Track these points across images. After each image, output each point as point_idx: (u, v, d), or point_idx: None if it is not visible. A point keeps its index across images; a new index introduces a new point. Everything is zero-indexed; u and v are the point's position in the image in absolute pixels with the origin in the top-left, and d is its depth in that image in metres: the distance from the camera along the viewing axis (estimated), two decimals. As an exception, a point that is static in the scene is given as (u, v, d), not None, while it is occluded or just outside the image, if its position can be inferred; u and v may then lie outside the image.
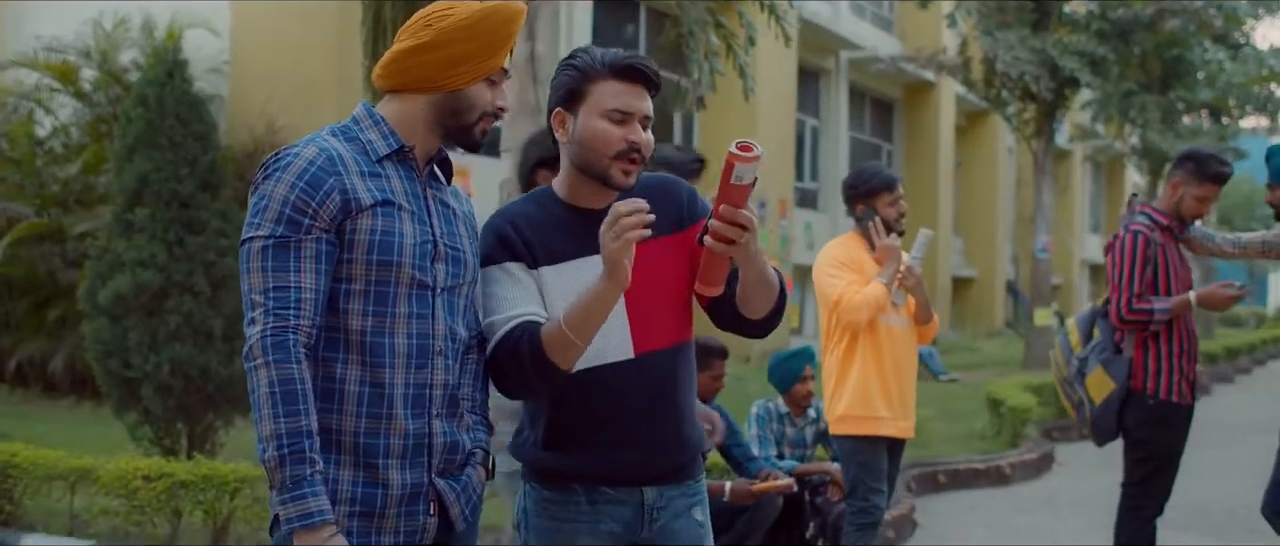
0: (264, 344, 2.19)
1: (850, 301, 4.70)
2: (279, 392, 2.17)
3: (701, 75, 10.27)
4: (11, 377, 11.51)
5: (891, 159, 25.87)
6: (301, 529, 2.15)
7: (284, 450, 2.16)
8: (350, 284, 2.29)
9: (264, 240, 2.24)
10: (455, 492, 2.40)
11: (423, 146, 2.41)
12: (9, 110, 12.22)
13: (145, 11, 11.73)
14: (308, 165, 2.26)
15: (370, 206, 2.28)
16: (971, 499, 8.45)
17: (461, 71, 2.35)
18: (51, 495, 5.84)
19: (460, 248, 2.44)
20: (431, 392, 2.35)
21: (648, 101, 2.58)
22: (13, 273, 11.26)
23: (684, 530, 2.68)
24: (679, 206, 2.69)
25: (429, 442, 2.35)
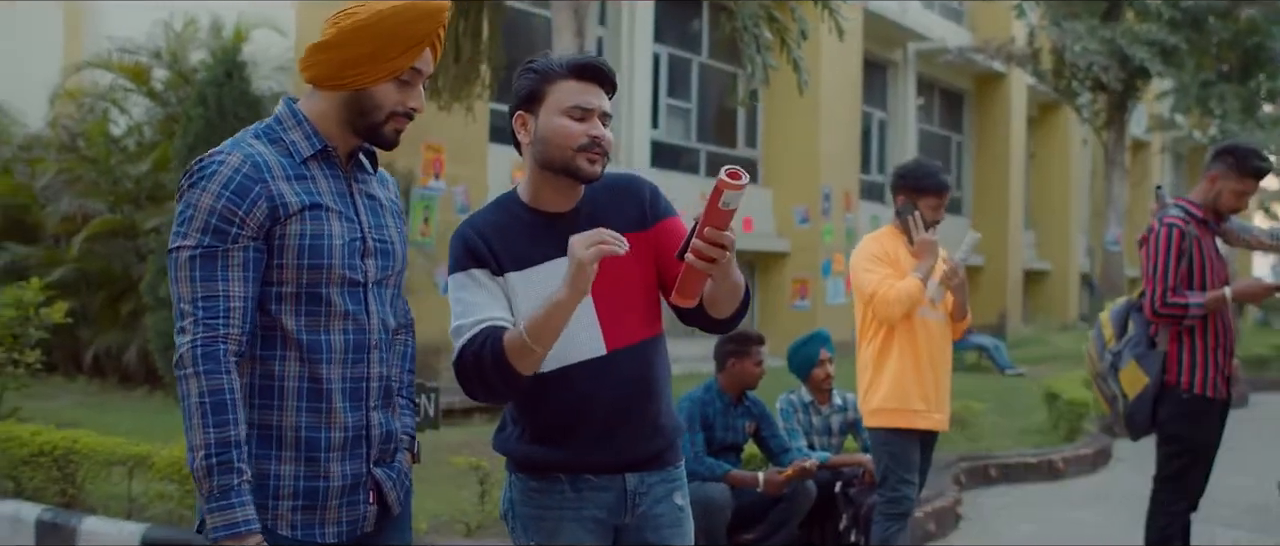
0: (195, 353, 2.21)
1: (884, 296, 4.72)
2: (209, 403, 2.20)
3: (755, 70, 10.30)
4: (88, 368, 11.88)
5: (961, 151, 25.66)
6: (227, 537, 2.19)
7: (212, 460, 2.19)
8: (282, 287, 2.31)
9: (191, 250, 2.25)
10: (392, 480, 2.46)
11: (342, 143, 2.41)
12: (86, 110, 12.59)
13: (213, 12, 12.02)
14: (233, 173, 2.26)
15: (298, 211, 2.30)
16: (1022, 493, 8.40)
17: (363, 72, 2.34)
18: (111, 479, 6.07)
19: (388, 239, 2.46)
20: (368, 385, 2.39)
21: (605, 100, 2.67)
22: (89, 267, 11.62)
23: (664, 514, 2.77)
24: (641, 204, 2.77)
25: (367, 434, 2.40)
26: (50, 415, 8.34)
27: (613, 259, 2.55)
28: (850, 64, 19.66)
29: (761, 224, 18.64)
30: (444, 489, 6.40)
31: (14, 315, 8.17)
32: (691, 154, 18.27)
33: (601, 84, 2.68)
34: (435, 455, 6.87)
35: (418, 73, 2.39)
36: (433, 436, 5.52)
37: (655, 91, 17.14)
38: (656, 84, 17.20)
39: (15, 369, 8.13)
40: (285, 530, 2.32)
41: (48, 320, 8.25)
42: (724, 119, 18.92)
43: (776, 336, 17.69)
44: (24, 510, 6.06)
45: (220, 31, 11.87)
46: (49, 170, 12.11)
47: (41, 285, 8.35)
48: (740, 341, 5.63)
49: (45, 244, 12.19)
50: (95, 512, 5.95)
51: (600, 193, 2.75)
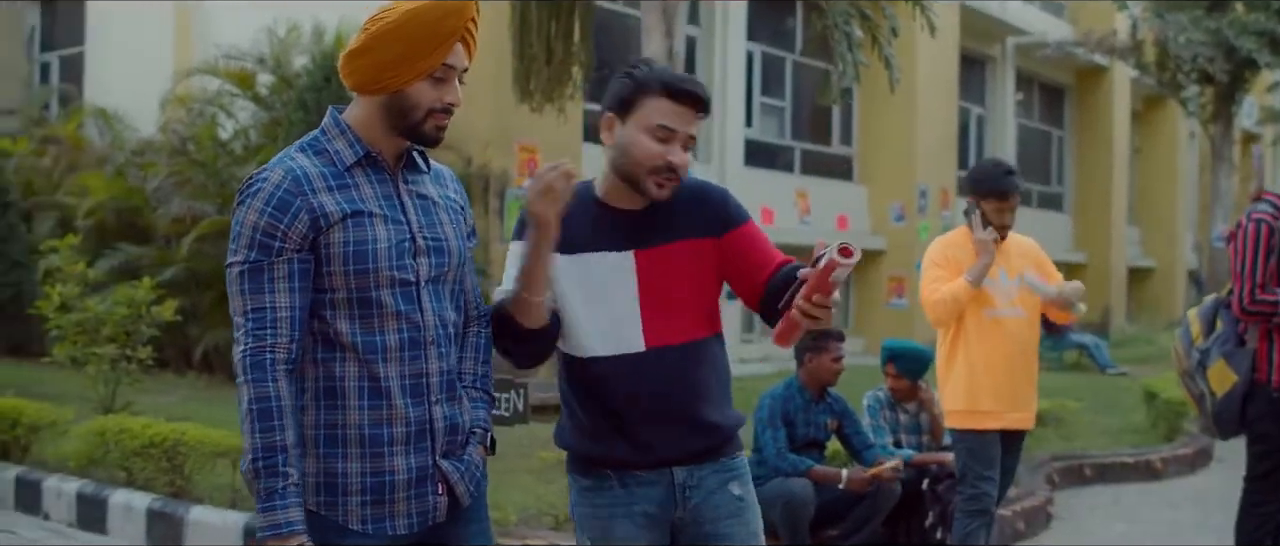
0: (244, 363, 2.31)
1: (926, 299, 4.76)
2: (256, 409, 2.29)
3: (845, 67, 10.27)
4: (198, 364, 12.29)
5: (1062, 146, 25.22)
6: (271, 537, 2.29)
7: (259, 464, 2.28)
8: (333, 293, 2.39)
9: (241, 265, 2.34)
10: (460, 472, 2.51)
11: (388, 146, 2.46)
12: (194, 115, 13.02)
13: (315, 18, 12.35)
14: (274, 190, 2.35)
15: (340, 220, 2.36)
16: (1117, 493, 8.28)
17: (399, 73, 2.39)
18: (216, 470, 6.31)
19: (442, 236, 2.50)
20: (428, 381, 2.45)
21: (694, 124, 2.71)
22: (198, 267, 12.01)
23: (721, 505, 2.77)
24: (713, 211, 2.80)
25: (431, 428, 2.46)
26: (161, 409, 8.66)
27: (667, 261, 2.66)
28: (946, 59, 19.45)
29: (856, 222, 18.56)
30: (532, 483, 6.54)
31: (127, 313, 8.52)
32: (786, 152, 18.25)
33: (694, 107, 2.70)
34: (524, 449, 7.03)
35: (451, 68, 2.43)
36: (522, 431, 5.64)
37: (748, 89, 17.16)
38: (750, 82, 17.22)
39: (128, 365, 8.48)
40: (356, 525, 2.40)
41: (158, 318, 8.59)
42: (818, 116, 18.86)
43: (872, 335, 17.62)
44: (135, 499, 6.35)
45: (322, 37, 12.19)
46: (160, 173, 12.54)
47: (152, 284, 8.69)
48: (818, 338, 5.67)
49: (157, 244, 12.62)
50: (201, 503, 6.19)
51: (680, 192, 2.78)
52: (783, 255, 2.81)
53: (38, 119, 16.03)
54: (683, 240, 2.74)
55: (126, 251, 12.31)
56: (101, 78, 16.75)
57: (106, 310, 8.46)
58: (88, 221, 12.83)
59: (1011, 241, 4.96)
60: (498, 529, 5.66)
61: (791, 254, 2.86)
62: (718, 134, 16.23)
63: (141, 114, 14.10)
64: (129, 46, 16.36)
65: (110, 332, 8.43)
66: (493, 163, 12.36)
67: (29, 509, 6.91)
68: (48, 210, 13.52)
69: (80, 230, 12.54)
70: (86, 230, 12.72)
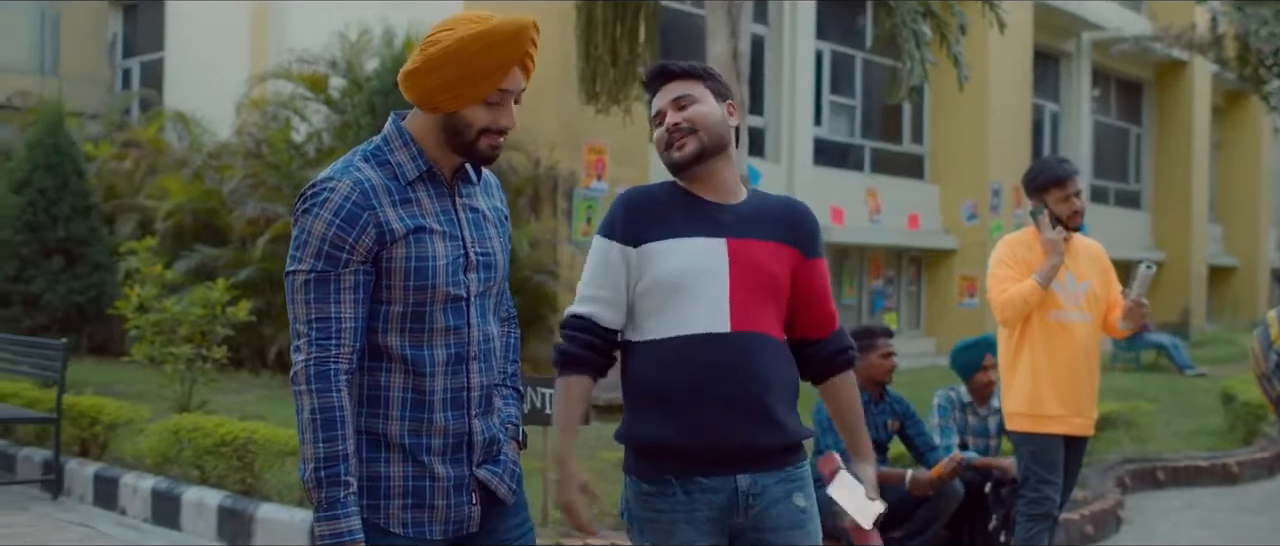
0: (308, 372, 2.33)
1: (994, 300, 4.71)
2: (319, 419, 2.31)
3: (914, 65, 10.22)
4: (272, 364, 12.52)
5: (1140, 143, 24.77)
6: (332, 545, 2.31)
7: (321, 472, 2.30)
8: (390, 306, 2.40)
9: (306, 274, 2.34)
10: (498, 475, 2.54)
11: (443, 160, 2.47)
12: (268, 118, 13.25)
13: (386, 21, 12.51)
14: (343, 201, 2.34)
15: (403, 236, 2.37)
16: (1191, 497, 8.13)
17: (452, 97, 2.39)
18: (285, 469, 6.43)
19: (490, 251, 2.53)
20: (469, 394, 2.47)
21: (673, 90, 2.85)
22: (272, 268, 12.21)
23: (783, 515, 2.74)
24: (803, 231, 2.89)
25: (469, 440, 2.49)
26: (236, 408, 8.85)
27: (757, 252, 2.76)
28: (1019, 56, 19.21)
29: (928, 221, 18.40)
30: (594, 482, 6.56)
31: (202, 314, 8.71)
32: (856, 151, 18.14)
33: (666, 81, 2.88)
34: (588, 450, 7.06)
35: (506, 93, 2.43)
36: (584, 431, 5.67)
37: (818, 88, 17.08)
38: (819, 81, 17.13)
39: (203, 364, 8.67)
40: (397, 528, 2.42)
41: (233, 318, 8.77)
42: (889, 115, 18.71)
43: (943, 335, 17.46)
44: (207, 496, 6.49)
45: (391, 40, 12.34)
46: (235, 176, 12.78)
47: (227, 285, 8.87)
48: (864, 336, 5.63)
49: (232, 246, 12.85)
50: (270, 500, 6.32)
51: (768, 204, 2.90)
52: (832, 303, 2.96)
53: (119, 123, 16.40)
54: (775, 241, 2.81)
55: (203, 253, 12.56)
56: (181, 82, 17.14)
57: (183, 310, 8.65)
58: (166, 223, 13.12)
59: (1079, 244, 4.90)
60: (557, 529, 5.71)
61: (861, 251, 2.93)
62: (786, 133, 16.18)
63: (219, 117, 14.39)
64: (207, 51, 16.72)
65: (186, 332, 8.62)
66: (560, 164, 12.44)
67: (107, 504, 7.10)
68: (129, 213, 13.84)
69: (159, 232, 12.85)
70: (165, 232, 13.02)
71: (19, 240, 10.99)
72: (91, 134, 15.36)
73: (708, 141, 2.79)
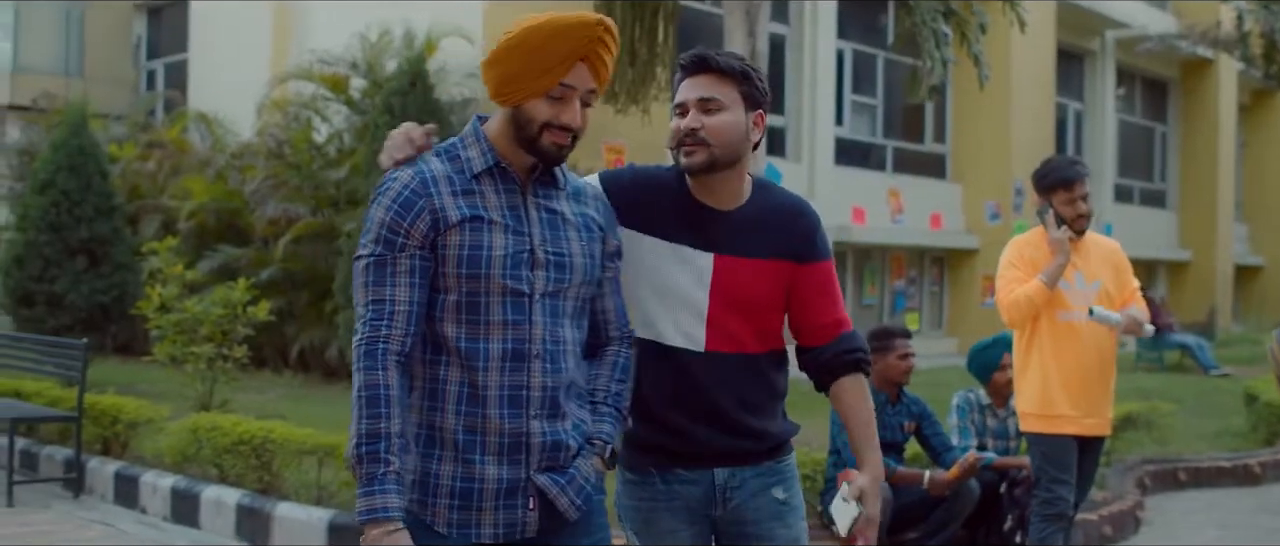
0: (358, 351, 2.38)
1: (1001, 301, 4.70)
2: (365, 397, 2.35)
3: (933, 64, 10.19)
4: (294, 363, 12.59)
5: (1166, 141, 24.61)
6: (368, 521, 2.32)
7: (362, 449, 2.33)
8: (446, 294, 2.43)
9: (366, 258, 2.42)
10: (560, 485, 2.48)
11: (517, 159, 2.49)
12: (290, 119, 13.32)
13: (407, 22, 12.55)
14: (402, 189, 2.42)
15: (457, 223, 2.41)
16: (1212, 498, 8.07)
17: (517, 87, 2.43)
18: (302, 467, 6.46)
19: (565, 252, 2.51)
20: (528, 394, 2.45)
21: (702, 88, 2.71)
22: (293, 268, 12.30)
23: (762, 508, 2.77)
24: (800, 238, 2.79)
25: (526, 441, 2.45)
26: (258, 407, 8.90)
27: (742, 272, 2.69)
28: (1043, 54, 19.12)
29: (950, 220, 18.33)
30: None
31: (223, 313, 8.76)
32: (878, 150, 18.09)
33: (701, 72, 2.73)
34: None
35: (570, 89, 2.44)
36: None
37: (839, 88, 17.04)
38: (840, 80, 17.09)
39: (224, 363, 8.73)
40: (442, 527, 2.43)
41: (253, 318, 8.82)
42: (911, 114, 18.66)
43: (965, 335, 17.38)
44: (226, 495, 6.53)
45: (412, 41, 12.38)
46: (257, 176, 12.86)
47: (247, 285, 8.92)
48: (881, 337, 5.62)
49: (254, 246, 12.94)
50: (288, 499, 6.35)
51: (769, 207, 2.79)
52: (843, 311, 2.84)
53: (144, 124, 16.53)
54: (764, 258, 2.74)
55: (226, 252, 12.65)
56: (204, 83, 17.26)
57: (204, 310, 8.71)
58: (189, 223, 13.23)
59: (1091, 243, 4.88)
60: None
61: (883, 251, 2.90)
62: (808, 132, 16.15)
63: (241, 118, 14.48)
64: (229, 53, 16.82)
65: (207, 332, 8.68)
66: (579, 163, 12.44)
67: (127, 503, 7.15)
68: (152, 213, 13.95)
69: (182, 232, 12.96)
70: (188, 232, 13.13)
71: (43, 240, 11.08)
72: (116, 135, 15.49)
73: (719, 156, 2.69)
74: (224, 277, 10.89)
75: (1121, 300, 4.85)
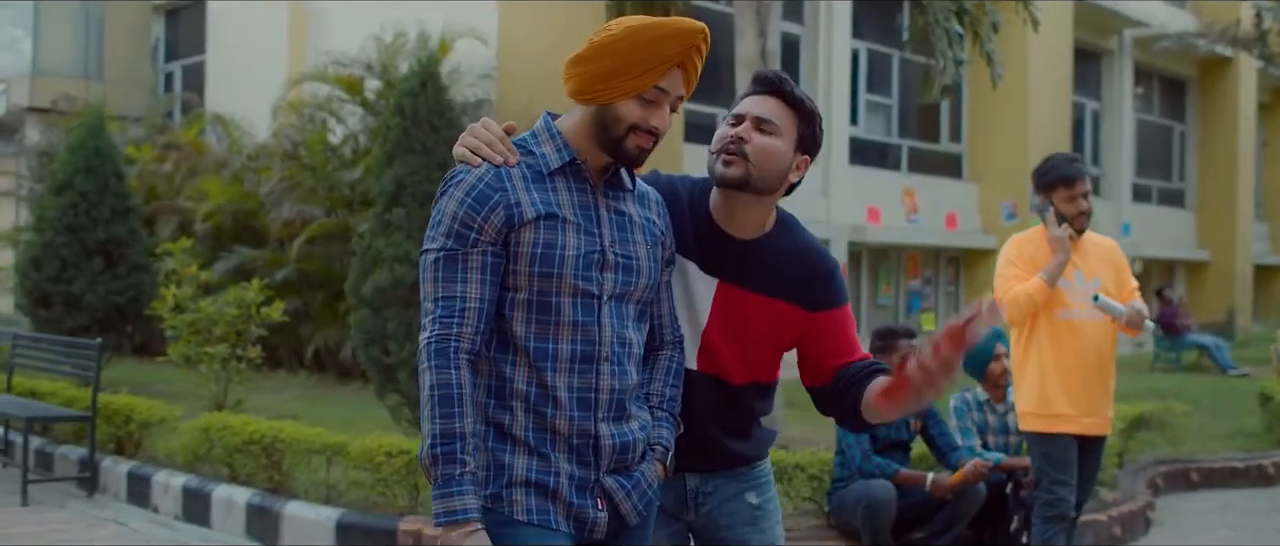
0: (429, 350, 2.33)
1: (1002, 298, 4.70)
2: (437, 396, 2.30)
3: (946, 64, 10.14)
4: (309, 363, 12.66)
5: (1184, 140, 24.46)
6: (447, 524, 2.28)
7: (437, 450, 2.28)
8: (516, 293, 2.39)
9: (436, 252, 2.37)
10: (625, 489, 2.47)
11: (592, 158, 2.47)
12: (305, 120, 13.39)
13: (421, 23, 12.60)
14: (476, 182, 2.38)
15: (532, 220, 2.37)
16: (1226, 498, 8.04)
17: (607, 87, 2.40)
18: (311, 467, 6.51)
19: (633, 256, 2.48)
20: (597, 396, 2.42)
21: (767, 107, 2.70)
22: (308, 268, 12.37)
23: (736, 512, 2.78)
24: (812, 285, 2.74)
25: (596, 444, 2.43)
26: (272, 407, 8.96)
27: (745, 305, 2.67)
28: (1059, 53, 19.03)
29: (966, 220, 18.26)
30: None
31: (237, 314, 8.82)
32: (893, 150, 18.04)
33: (770, 93, 2.71)
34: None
35: (663, 93, 2.43)
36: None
37: (854, 87, 17.00)
38: (855, 80, 17.05)
39: (238, 364, 8.79)
40: (521, 515, 2.38)
41: (267, 319, 8.87)
42: (926, 114, 18.59)
43: (981, 334, 17.29)
44: (236, 494, 6.58)
45: (426, 43, 12.42)
46: (273, 178, 12.94)
47: (262, 285, 8.98)
48: (885, 337, 5.63)
49: (270, 247, 13.02)
50: (298, 498, 6.39)
51: (787, 247, 2.75)
52: (863, 350, 2.79)
53: (161, 126, 16.64)
54: (768, 297, 2.71)
55: (242, 253, 12.73)
56: (221, 85, 17.35)
57: (218, 311, 8.77)
58: (206, 225, 13.32)
59: (1089, 242, 4.87)
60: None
61: (898, 251, 2.88)
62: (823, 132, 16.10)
63: (258, 120, 14.55)
64: (246, 55, 16.91)
65: (221, 333, 8.74)
66: (595, 163, 12.46)
67: (140, 502, 7.21)
68: (169, 214, 14.05)
69: (198, 233, 13.05)
70: (204, 233, 13.22)
71: (60, 241, 11.16)
72: (134, 137, 15.60)
73: (755, 178, 2.66)
74: (240, 278, 10.95)
75: (1120, 299, 4.84)
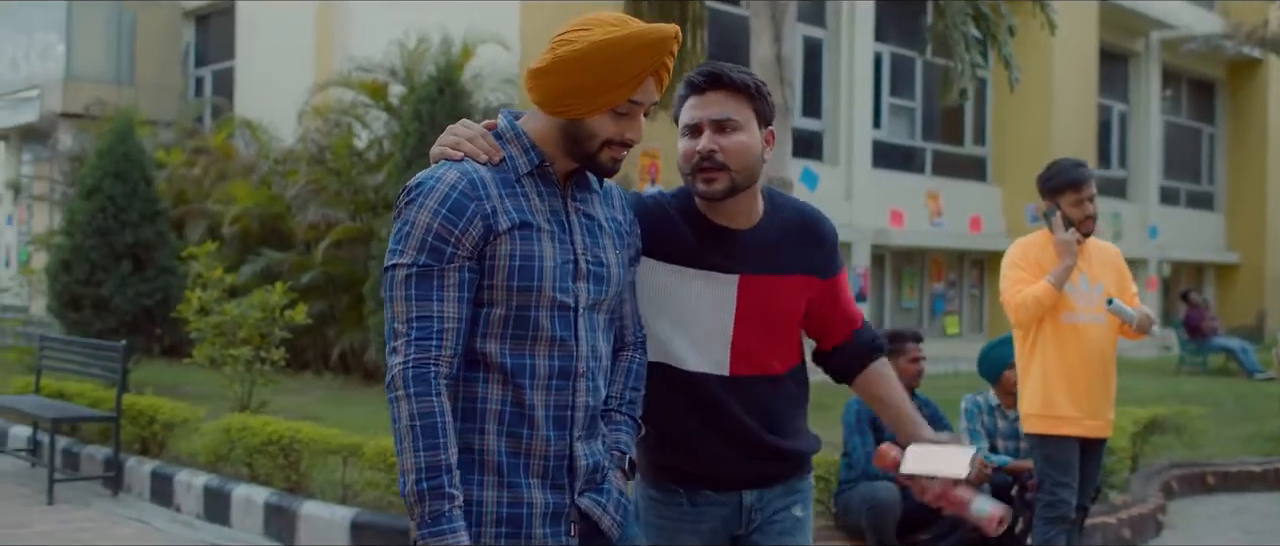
0: (406, 376, 2.16)
1: (1007, 301, 4.74)
2: (419, 426, 2.13)
3: (964, 67, 10.20)
4: (335, 365, 12.80)
5: (1213, 143, 24.31)
6: None
7: (423, 485, 2.13)
8: (491, 309, 2.24)
9: (407, 268, 2.19)
10: (602, 505, 2.37)
11: (560, 162, 2.33)
12: (331, 125, 13.54)
13: (444, 29, 12.72)
14: (450, 190, 2.21)
15: (508, 230, 2.22)
16: (1240, 502, 8.03)
17: (579, 103, 2.25)
18: (328, 467, 6.62)
19: (604, 261, 2.35)
20: (573, 414, 2.30)
21: (722, 106, 2.56)
22: (333, 271, 12.50)
23: (781, 522, 2.74)
24: (822, 253, 2.73)
25: (571, 464, 2.30)
26: (296, 408, 9.09)
27: (768, 289, 2.62)
28: (1084, 56, 19.00)
29: (990, 223, 18.25)
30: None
31: (261, 317, 8.95)
32: (917, 153, 18.05)
33: (714, 89, 2.56)
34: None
35: (637, 105, 2.28)
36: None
37: (877, 91, 17.02)
38: (878, 83, 17.08)
39: (262, 366, 8.92)
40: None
41: (291, 321, 9.00)
42: (950, 117, 18.59)
43: (1006, 338, 17.28)
44: (255, 493, 6.70)
45: (449, 48, 12.54)
46: (298, 181, 13.08)
47: (285, 288, 9.10)
48: (892, 340, 5.66)
49: (296, 250, 13.17)
50: (314, 498, 6.50)
51: (785, 221, 2.70)
52: (856, 309, 2.84)
53: (191, 131, 16.86)
54: (791, 274, 2.66)
55: (268, 257, 12.88)
56: (250, 90, 17.56)
57: (242, 314, 8.91)
58: (233, 228, 13.49)
59: (1093, 247, 4.92)
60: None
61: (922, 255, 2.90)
62: (845, 135, 16.15)
63: (285, 124, 14.73)
64: (274, 60, 17.11)
65: (246, 335, 8.88)
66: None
67: (163, 501, 7.35)
68: (198, 218, 14.23)
69: (226, 237, 13.23)
70: (232, 236, 13.40)
71: (89, 245, 11.34)
72: (164, 141, 15.82)
73: (739, 180, 2.56)
74: (267, 281, 11.07)
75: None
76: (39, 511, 7.14)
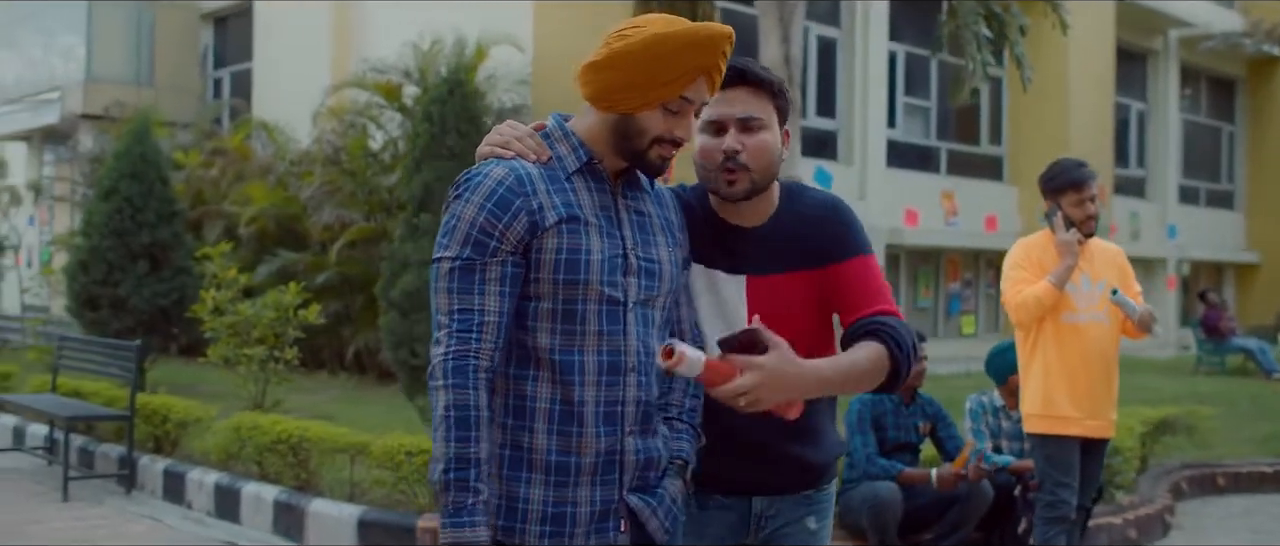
0: (445, 367, 2.18)
1: (1009, 301, 4.76)
2: (454, 417, 2.15)
3: (976, 67, 10.19)
4: (350, 365, 12.89)
5: (1233, 141, 24.17)
6: None
7: (450, 474, 2.15)
8: (539, 302, 2.25)
9: (452, 261, 2.22)
10: (651, 507, 2.34)
11: (609, 161, 2.34)
12: (346, 126, 13.63)
13: (457, 30, 12.79)
14: (496, 185, 2.23)
15: (555, 224, 2.23)
16: (1250, 503, 8.00)
17: (630, 98, 2.26)
18: (336, 465, 6.68)
19: (655, 259, 2.35)
20: (623, 409, 2.29)
21: (746, 104, 2.52)
22: (348, 271, 12.59)
23: (793, 535, 2.67)
24: (826, 240, 2.60)
25: (620, 460, 2.30)
26: (310, 407, 9.17)
27: (776, 288, 2.54)
28: (1101, 54, 18.92)
29: (1006, 223, 18.19)
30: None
31: (275, 316, 9.02)
32: (932, 152, 18.01)
33: (737, 86, 2.52)
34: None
35: (688, 102, 2.28)
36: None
37: (892, 90, 17.00)
38: (893, 82, 17.06)
39: (276, 365, 8.99)
40: (535, 544, 2.26)
41: (304, 321, 9.07)
42: (965, 116, 18.55)
43: (1022, 337, 17.22)
44: (264, 491, 6.77)
45: (463, 49, 12.60)
46: (314, 182, 13.17)
47: (299, 288, 9.17)
48: None
49: (312, 250, 13.26)
50: (323, 495, 6.57)
51: (798, 216, 2.62)
52: (884, 300, 2.60)
53: (209, 132, 16.98)
54: (793, 271, 2.58)
55: (284, 257, 12.98)
56: (267, 92, 17.68)
57: (256, 313, 8.98)
58: (250, 229, 13.60)
59: (1095, 247, 4.92)
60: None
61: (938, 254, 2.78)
62: (859, 135, 16.14)
63: (302, 125, 14.82)
64: (291, 62, 17.22)
65: (259, 335, 8.95)
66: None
67: (175, 498, 7.43)
68: (216, 219, 14.36)
69: (243, 237, 13.33)
70: (248, 237, 13.50)
71: (107, 245, 11.45)
72: (182, 142, 15.94)
73: (759, 181, 2.53)
74: (282, 281, 11.15)
75: None
76: (54, 508, 7.23)
